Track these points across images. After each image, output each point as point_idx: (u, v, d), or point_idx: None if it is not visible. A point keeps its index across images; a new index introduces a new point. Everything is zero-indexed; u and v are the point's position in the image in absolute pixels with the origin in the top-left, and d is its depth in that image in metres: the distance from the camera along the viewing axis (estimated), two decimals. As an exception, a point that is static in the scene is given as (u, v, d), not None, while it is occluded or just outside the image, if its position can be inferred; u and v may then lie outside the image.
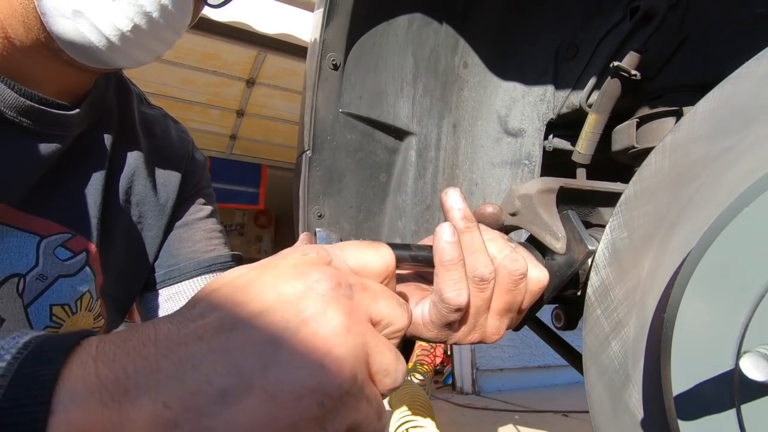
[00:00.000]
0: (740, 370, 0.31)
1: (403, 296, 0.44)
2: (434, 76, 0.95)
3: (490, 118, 0.94)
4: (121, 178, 0.70)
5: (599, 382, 0.48)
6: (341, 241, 0.42)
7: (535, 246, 0.52)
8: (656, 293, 0.45)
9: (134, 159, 0.72)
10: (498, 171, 0.92)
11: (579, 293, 0.56)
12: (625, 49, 0.71)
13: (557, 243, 0.50)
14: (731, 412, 0.35)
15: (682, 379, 0.37)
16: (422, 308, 0.43)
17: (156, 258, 0.77)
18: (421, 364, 3.67)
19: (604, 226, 0.60)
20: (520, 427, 2.88)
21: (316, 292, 0.29)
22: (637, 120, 0.72)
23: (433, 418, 1.77)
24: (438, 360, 4.74)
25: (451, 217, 0.43)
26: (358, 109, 0.86)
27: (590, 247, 0.47)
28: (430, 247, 0.42)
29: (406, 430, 1.68)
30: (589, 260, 0.54)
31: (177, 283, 0.76)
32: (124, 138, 0.71)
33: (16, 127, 0.57)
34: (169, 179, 0.77)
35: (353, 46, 0.83)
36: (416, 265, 0.44)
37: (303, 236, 0.43)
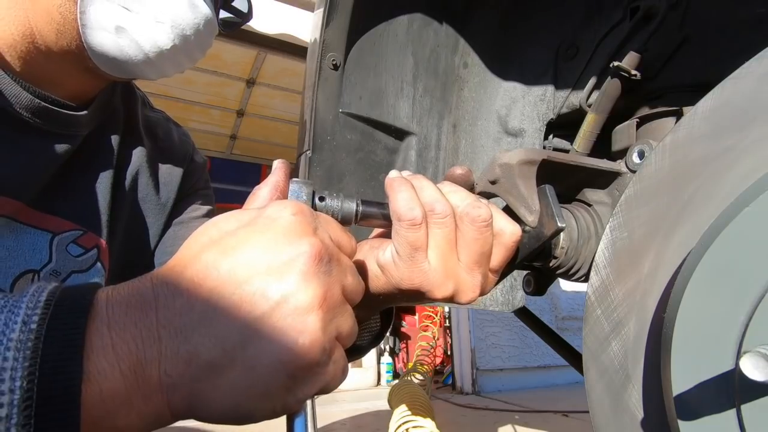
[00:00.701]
0: (740, 370, 0.31)
1: (361, 267, 0.46)
2: (434, 76, 0.95)
3: (490, 118, 0.94)
4: (127, 176, 0.72)
5: (599, 382, 0.48)
6: (313, 193, 0.42)
7: (510, 216, 0.52)
8: (656, 293, 0.45)
9: (138, 158, 0.74)
10: (498, 171, 0.92)
11: (550, 264, 0.57)
12: (625, 49, 0.71)
13: (530, 216, 0.50)
14: (731, 412, 0.35)
15: (682, 379, 0.37)
16: (390, 248, 0.44)
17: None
18: (421, 364, 3.66)
19: (584, 202, 0.60)
20: (520, 427, 2.88)
21: (298, 267, 0.31)
22: (637, 120, 0.72)
23: (433, 418, 1.77)
24: (438, 360, 4.74)
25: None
26: (358, 109, 0.86)
27: (559, 225, 0.47)
28: None
29: (406, 430, 1.68)
30: (561, 236, 0.55)
31: None
32: (129, 139, 0.73)
33: (30, 128, 0.59)
34: (170, 179, 0.80)
35: (353, 46, 0.83)
36: (384, 223, 0.45)
37: (278, 164, 0.43)
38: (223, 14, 0.72)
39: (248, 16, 0.77)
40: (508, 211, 0.52)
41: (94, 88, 0.66)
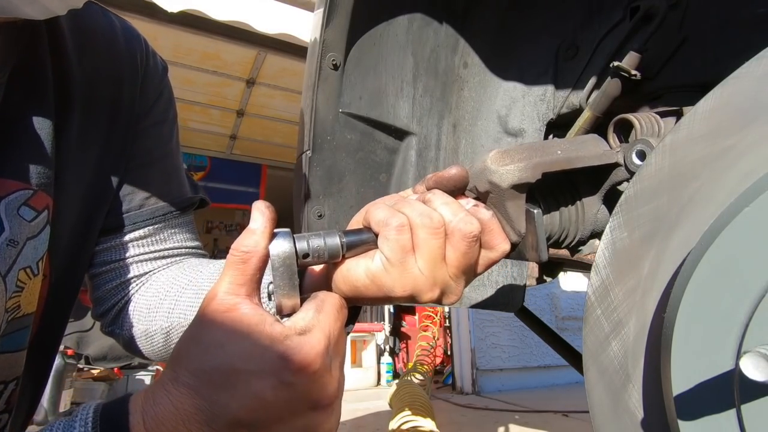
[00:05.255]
0: (740, 370, 0.31)
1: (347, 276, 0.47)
2: (434, 76, 0.95)
3: (490, 118, 0.94)
4: (71, 119, 0.61)
5: (599, 382, 0.48)
6: (294, 243, 0.41)
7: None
8: (656, 293, 0.45)
9: (80, 92, 0.62)
10: (498, 171, 0.92)
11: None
12: (625, 49, 0.71)
13: (514, 236, 0.50)
14: (731, 412, 0.35)
15: (682, 379, 0.37)
16: (378, 256, 0.44)
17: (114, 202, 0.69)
18: (421, 364, 3.67)
19: (571, 199, 0.60)
20: (520, 427, 2.88)
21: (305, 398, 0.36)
22: (637, 120, 0.72)
23: (433, 418, 1.77)
24: (438, 360, 4.74)
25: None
26: (358, 109, 0.86)
27: (542, 258, 0.48)
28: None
29: (406, 430, 1.68)
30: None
31: (131, 232, 0.70)
32: (61, 68, 0.61)
33: None
34: (121, 100, 0.67)
35: (353, 46, 0.83)
36: (371, 246, 0.45)
37: (261, 217, 0.42)
38: None
39: None
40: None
41: None
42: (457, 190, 0.49)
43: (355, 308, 0.60)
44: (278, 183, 6.00)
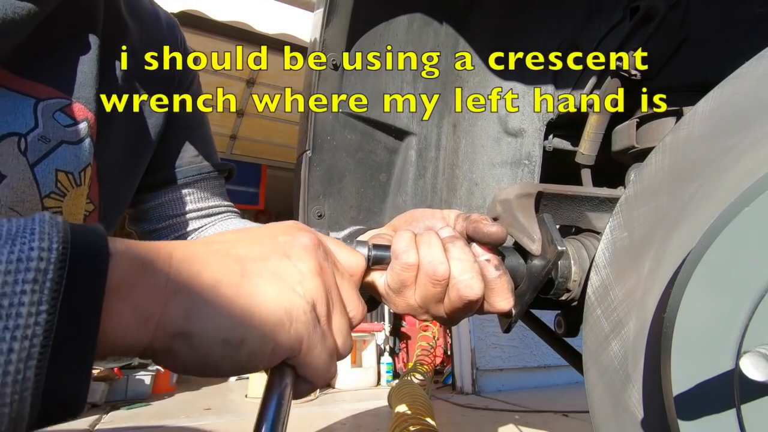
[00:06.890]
0: (740, 370, 0.31)
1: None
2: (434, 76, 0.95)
3: (490, 118, 0.94)
4: (116, 51, 0.67)
5: (599, 382, 0.48)
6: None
7: (518, 250, 0.55)
8: (656, 293, 0.45)
9: (128, 41, 0.69)
10: (498, 171, 0.92)
11: (565, 298, 0.57)
12: (625, 49, 0.71)
13: (533, 244, 0.52)
14: (731, 412, 0.35)
15: (682, 379, 0.37)
16: (385, 277, 0.49)
17: (155, 150, 0.76)
18: (421, 364, 3.67)
19: (593, 231, 0.60)
20: (520, 427, 2.88)
21: (300, 244, 0.38)
22: (637, 120, 0.72)
23: (433, 418, 1.77)
24: (438, 360, 4.74)
25: None
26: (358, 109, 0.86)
27: (559, 248, 0.49)
28: None
29: (406, 429, 1.68)
30: (572, 268, 0.57)
31: (182, 188, 0.80)
32: (112, 20, 0.67)
33: None
34: (166, 68, 0.76)
35: (353, 46, 0.83)
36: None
37: None
38: None
39: None
40: (516, 245, 0.55)
41: None
42: (490, 246, 0.51)
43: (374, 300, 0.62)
44: (278, 183, 6.00)
